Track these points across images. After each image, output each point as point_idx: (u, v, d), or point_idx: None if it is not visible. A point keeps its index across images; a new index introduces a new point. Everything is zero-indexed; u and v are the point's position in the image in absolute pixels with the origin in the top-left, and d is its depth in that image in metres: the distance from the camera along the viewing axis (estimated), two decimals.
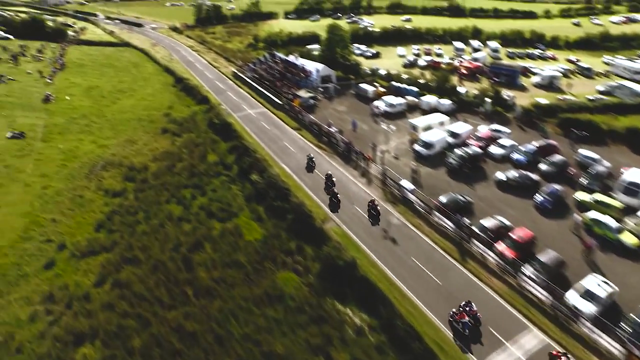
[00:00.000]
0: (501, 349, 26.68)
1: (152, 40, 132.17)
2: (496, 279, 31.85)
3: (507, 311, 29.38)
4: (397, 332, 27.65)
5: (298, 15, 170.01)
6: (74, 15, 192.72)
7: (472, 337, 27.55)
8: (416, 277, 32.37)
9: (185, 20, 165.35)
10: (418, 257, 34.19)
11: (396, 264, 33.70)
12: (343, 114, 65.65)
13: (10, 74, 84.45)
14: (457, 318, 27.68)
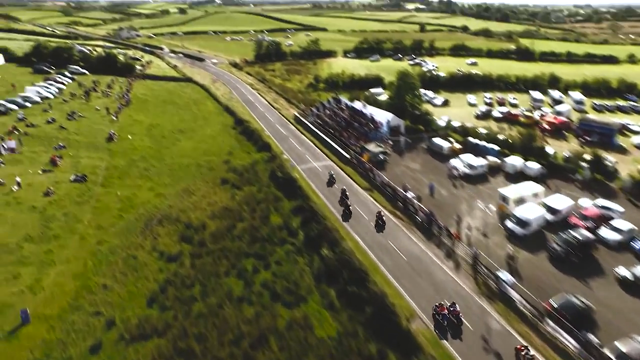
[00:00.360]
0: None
1: (212, 75, 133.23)
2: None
3: None
4: None
5: (357, 54, 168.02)
6: (142, 49, 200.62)
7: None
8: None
9: (245, 56, 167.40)
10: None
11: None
12: (417, 173, 59.81)
13: (81, 110, 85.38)
14: (438, 310, 31.95)
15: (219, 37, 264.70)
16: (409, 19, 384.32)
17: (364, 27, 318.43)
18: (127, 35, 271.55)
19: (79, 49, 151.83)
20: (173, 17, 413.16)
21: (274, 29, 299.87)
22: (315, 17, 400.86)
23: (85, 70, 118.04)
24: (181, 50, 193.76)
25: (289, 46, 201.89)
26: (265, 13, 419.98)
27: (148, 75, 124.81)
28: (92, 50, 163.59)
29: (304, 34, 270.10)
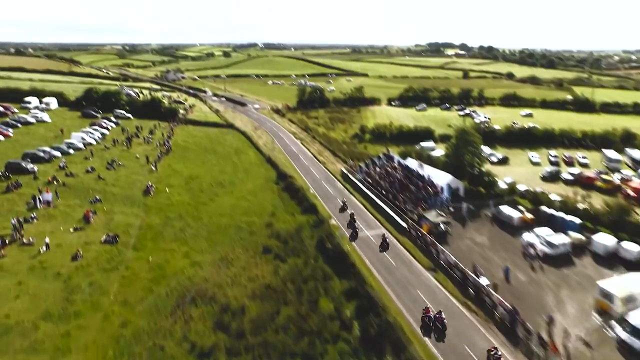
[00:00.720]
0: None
1: (254, 122, 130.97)
2: None
3: None
4: None
5: (402, 102, 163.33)
6: (186, 91, 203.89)
7: None
8: None
9: (287, 101, 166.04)
10: None
11: None
12: (485, 249, 51.92)
13: (122, 158, 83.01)
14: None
15: (261, 81, 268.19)
16: (450, 65, 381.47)
17: (405, 73, 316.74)
18: (173, 77, 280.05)
19: (126, 92, 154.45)
20: (217, 60, 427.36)
21: (315, 73, 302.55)
22: (355, 62, 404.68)
23: (130, 114, 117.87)
24: (224, 94, 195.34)
25: (331, 92, 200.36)
26: (306, 57, 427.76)
27: (190, 120, 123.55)
28: (138, 93, 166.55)
29: (345, 79, 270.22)
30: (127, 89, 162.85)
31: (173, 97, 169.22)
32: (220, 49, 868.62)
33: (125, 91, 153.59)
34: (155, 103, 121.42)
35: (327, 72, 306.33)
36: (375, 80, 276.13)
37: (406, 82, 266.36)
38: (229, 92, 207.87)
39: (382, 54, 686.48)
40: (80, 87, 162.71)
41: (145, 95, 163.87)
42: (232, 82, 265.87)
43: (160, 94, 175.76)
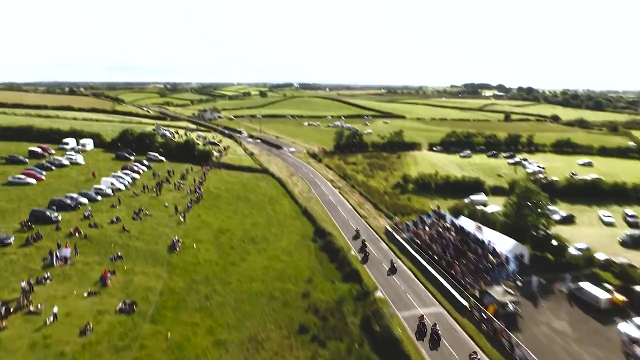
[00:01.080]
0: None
1: (290, 167, 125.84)
2: None
3: None
4: None
5: (444, 147, 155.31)
6: (222, 131, 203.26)
7: None
8: None
9: (322, 143, 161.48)
10: None
11: None
12: (569, 340, 42.44)
13: (150, 206, 78.27)
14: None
15: (296, 122, 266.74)
16: (490, 107, 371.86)
17: (444, 115, 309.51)
18: (209, 117, 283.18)
19: (162, 132, 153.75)
20: (254, 100, 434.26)
21: (351, 115, 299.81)
22: (391, 104, 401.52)
23: (163, 157, 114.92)
24: (259, 135, 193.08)
25: (368, 134, 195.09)
26: (341, 98, 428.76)
27: (224, 164, 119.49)
28: (174, 133, 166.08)
29: (382, 122, 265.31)
30: (163, 129, 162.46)
31: (208, 138, 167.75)
32: (256, 88, 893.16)
33: (161, 132, 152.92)
34: (189, 145, 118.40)
35: (363, 114, 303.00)
36: (413, 122, 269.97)
37: (445, 124, 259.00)
38: (264, 133, 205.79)
39: (417, 95, 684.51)
40: (119, 127, 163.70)
41: (180, 135, 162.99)
42: (267, 122, 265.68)
43: (195, 134, 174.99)
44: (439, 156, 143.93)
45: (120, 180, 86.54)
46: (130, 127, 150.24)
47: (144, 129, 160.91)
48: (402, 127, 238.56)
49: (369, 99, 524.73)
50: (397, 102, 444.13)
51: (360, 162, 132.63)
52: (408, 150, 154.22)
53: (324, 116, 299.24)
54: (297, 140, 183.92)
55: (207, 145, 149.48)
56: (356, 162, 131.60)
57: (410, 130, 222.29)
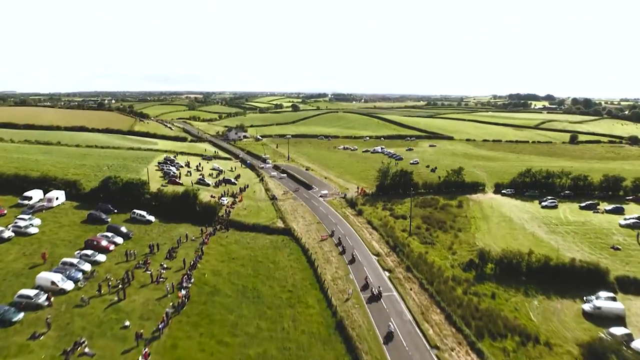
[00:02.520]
0: None
1: (320, 222, 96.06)
2: None
3: None
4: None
5: (516, 190, 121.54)
6: (244, 160, 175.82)
7: None
8: None
9: (361, 177, 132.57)
10: None
11: None
12: None
13: (96, 331, 49.97)
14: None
15: (330, 144, 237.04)
16: (548, 124, 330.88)
17: (496, 135, 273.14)
18: (234, 137, 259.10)
19: (166, 169, 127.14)
20: (285, 115, 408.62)
21: (392, 135, 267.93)
22: (433, 120, 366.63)
23: (153, 216, 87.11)
24: (286, 166, 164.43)
25: (415, 164, 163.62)
26: (378, 114, 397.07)
27: (234, 221, 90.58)
28: (183, 167, 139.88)
29: (428, 145, 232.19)
30: (170, 165, 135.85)
31: (224, 173, 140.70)
32: (289, 99, 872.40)
33: (165, 169, 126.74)
34: (188, 197, 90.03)
35: (404, 134, 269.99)
36: (464, 145, 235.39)
37: (502, 148, 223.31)
38: (293, 162, 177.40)
39: (459, 107, 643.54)
40: (121, 158, 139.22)
41: (190, 170, 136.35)
42: (298, 144, 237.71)
43: (210, 165, 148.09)
44: (512, 205, 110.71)
45: (68, 275, 58.70)
46: (126, 163, 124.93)
47: (151, 159, 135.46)
48: (453, 152, 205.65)
49: (407, 112, 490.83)
50: (439, 117, 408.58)
51: (414, 213, 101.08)
52: (469, 192, 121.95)
53: (360, 136, 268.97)
54: (331, 173, 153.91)
55: (221, 184, 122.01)
56: (406, 214, 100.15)
57: (463, 157, 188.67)
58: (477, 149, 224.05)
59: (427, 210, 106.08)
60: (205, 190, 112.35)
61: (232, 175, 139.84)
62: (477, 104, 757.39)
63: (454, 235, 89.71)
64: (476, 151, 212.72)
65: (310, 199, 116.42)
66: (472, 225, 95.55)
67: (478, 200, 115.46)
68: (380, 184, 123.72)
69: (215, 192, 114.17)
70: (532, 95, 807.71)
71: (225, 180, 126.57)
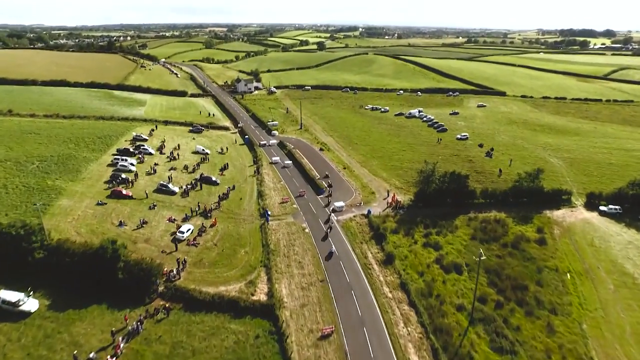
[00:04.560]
0: None
1: (326, 279, 61.42)
2: None
3: None
4: None
5: (621, 206, 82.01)
6: (242, 132, 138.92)
7: None
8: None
9: (393, 161, 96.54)
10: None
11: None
12: None
13: None
14: None
15: (355, 101, 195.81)
16: (622, 74, 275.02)
17: (559, 89, 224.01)
18: (243, 89, 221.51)
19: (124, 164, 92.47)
20: (307, 58, 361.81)
21: (430, 88, 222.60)
22: (478, 66, 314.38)
23: (35, 301, 52.56)
24: (296, 142, 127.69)
25: (464, 139, 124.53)
26: (414, 58, 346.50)
27: (185, 293, 55.77)
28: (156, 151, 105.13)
29: (476, 104, 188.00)
30: (131, 155, 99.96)
31: (209, 156, 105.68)
32: (317, 34, 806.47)
33: (119, 165, 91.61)
34: (104, 260, 54.52)
35: (445, 88, 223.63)
36: (520, 105, 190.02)
37: (571, 111, 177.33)
38: (306, 133, 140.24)
39: (503, 46, 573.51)
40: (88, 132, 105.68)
41: (158, 161, 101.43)
42: (317, 100, 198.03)
43: (192, 147, 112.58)
44: (625, 240, 72.36)
45: None
46: (73, 153, 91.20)
47: (116, 140, 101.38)
48: (509, 118, 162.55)
49: (446, 53, 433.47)
50: (482, 60, 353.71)
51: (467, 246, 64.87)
52: (550, 205, 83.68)
53: (393, 89, 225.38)
54: (353, 157, 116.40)
55: (195, 187, 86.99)
56: (462, 267, 63.68)
57: (524, 128, 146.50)
58: (538, 111, 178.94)
59: (492, 249, 69.36)
60: (163, 208, 77.58)
61: (218, 163, 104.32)
62: (523, 41, 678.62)
63: (547, 325, 53.41)
64: (538, 116, 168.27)
65: (319, 216, 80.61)
66: (571, 295, 58.70)
67: (566, 227, 77.48)
68: (421, 191, 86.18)
69: (179, 207, 79.32)
70: (588, 31, 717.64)
71: (203, 180, 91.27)
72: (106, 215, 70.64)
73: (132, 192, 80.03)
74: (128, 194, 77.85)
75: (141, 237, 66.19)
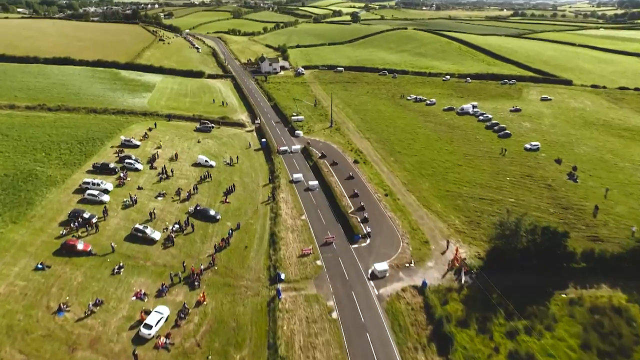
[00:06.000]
0: None
1: None
2: None
3: None
4: None
5: None
6: (260, 132, 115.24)
7: None
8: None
9: (448, 183, 72.17)
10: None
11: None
12: None
13: None
14: None
15: (395, 89, 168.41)
16: None
17: (633, 75, 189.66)
18: (267, 70, 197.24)
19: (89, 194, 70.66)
20: (341, 30, 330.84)
21: (482, 74, 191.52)
22: (533, 46, 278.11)
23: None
24: (324, 147, 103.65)
25: (533, 150, 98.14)
26: (458, 34, 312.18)
27: None
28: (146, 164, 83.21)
29: (540, 97, 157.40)
30: (102, 184, 75.91)
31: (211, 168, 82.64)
32: (351, 3, 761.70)
33: (88, 194, 68.97)
34: None
35: (499, 74, 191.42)
36: (594, 98, 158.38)
37: None
38: (337, 134, 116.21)
39: (555, 20, 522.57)
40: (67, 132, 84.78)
41: (143, 182, 79.20)
42: (350, 85, 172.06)
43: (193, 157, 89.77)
44: None
45: None
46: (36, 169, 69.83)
47: (100, 146, 79.20)
48: (584, 118, 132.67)
49: (492, 28, 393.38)
50: (535, 37, 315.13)
51: None
52: None
53: (437, 73, 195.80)
54: (397, 174, 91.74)
55: (182, 231, 64.37)
56: None
57: (607, 133, 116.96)
58: (619, 108, 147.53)
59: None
60: (133, 271, 55.08)
61: (223, 182, 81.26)
62: (576, 14, 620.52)
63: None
64: (620, 116, 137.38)
65: (353, 285, 56.88)
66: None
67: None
68: (498, 250, 61.09)
69: (156, 269, 56.74)
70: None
71: (198, 213, 68.45)
72: (43, 292, 48.88)
73: (94, 242, 57.90)
74: (85, 249, 55.70)
75: (86, 335, 44.33)
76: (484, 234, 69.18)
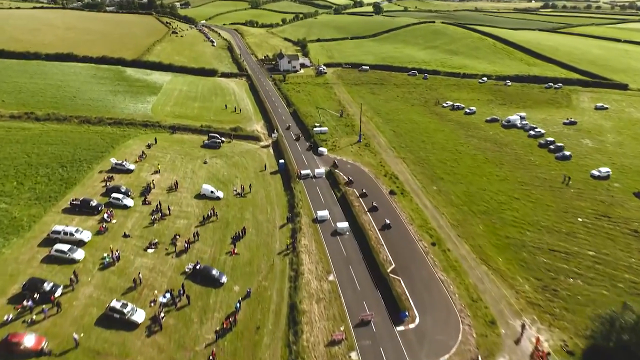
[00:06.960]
0: None
1: None
2: None
3: None
4: None
5: None
6: (278, 149, 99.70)
7: None
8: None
9: (514, 237, 59.01)
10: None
11: None
12: None
13: None
14: None
15: (428, 93, 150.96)
16: None
17: None
18: (286, 68, 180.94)
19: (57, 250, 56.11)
20: (364, 22, 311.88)
21: (522, 76, 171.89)
22: (570, 39, 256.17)
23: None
24: (352, 170, 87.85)
25: (603, 178, 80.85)
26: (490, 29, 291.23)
27: None
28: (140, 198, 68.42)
29: (594, 106, 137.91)
30: (77, 233, 60.77)
31: None
32: None
33: (56, 251, 53.86)
34: None
35: (541, 76, 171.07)
36: None
37: None
38: (367, 152, 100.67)
39: (590, 12, 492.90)
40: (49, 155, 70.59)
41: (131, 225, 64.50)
42: (378, 88, 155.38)
43: (196, 187, 74.62)
44: None
45: None
46: None
47: (85, 173, 63.64)
48: None
49: (524, 22, 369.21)
50: (573, 32, 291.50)
51: None
52: None
53: (472, 74, 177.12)
54: (440, 201, 75.73)
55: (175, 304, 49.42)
56: None
57: None
58: None
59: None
60: None
61: (232, 222, 66.01)
62: (613, 6, 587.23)
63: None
64: None
65: None
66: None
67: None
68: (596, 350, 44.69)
69: None
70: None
71: (198, 273, 53.52)
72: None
73: (52, 331, 42.88)
74: (36, 348, 40.52)
75: None
76: (566, 308, 52.88)
